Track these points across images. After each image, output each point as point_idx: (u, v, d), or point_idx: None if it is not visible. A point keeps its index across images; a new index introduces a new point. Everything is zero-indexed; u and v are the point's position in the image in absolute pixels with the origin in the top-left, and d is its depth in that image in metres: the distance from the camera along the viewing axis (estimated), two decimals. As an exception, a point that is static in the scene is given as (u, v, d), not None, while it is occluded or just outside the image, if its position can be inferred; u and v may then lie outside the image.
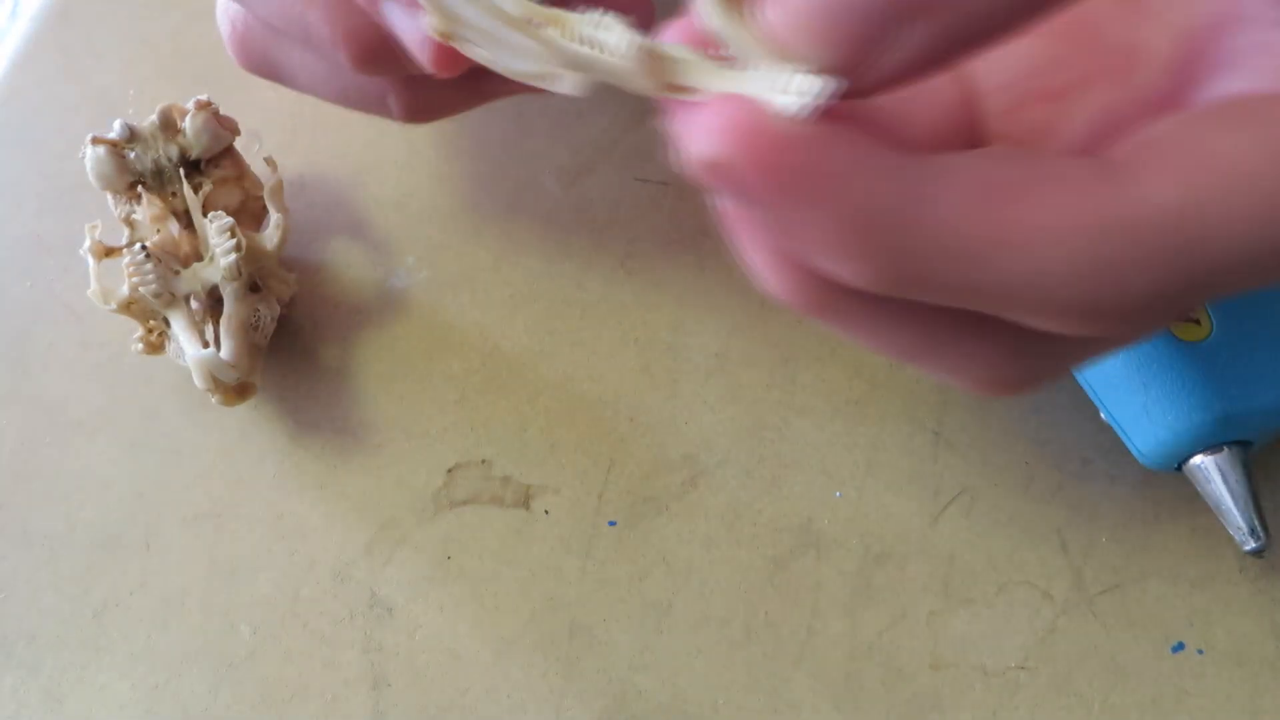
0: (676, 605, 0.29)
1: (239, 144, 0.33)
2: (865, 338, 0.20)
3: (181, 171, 0.32)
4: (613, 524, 0.30)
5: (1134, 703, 0.28)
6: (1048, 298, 0.17)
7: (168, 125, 0.32)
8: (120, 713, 0.29)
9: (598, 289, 0.34)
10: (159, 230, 0.31)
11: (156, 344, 0.32)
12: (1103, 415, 0.30)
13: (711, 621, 0.29)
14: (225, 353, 0.30)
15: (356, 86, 0.28)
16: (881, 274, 0.17)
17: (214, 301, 0.31)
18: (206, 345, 0.30)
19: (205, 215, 0.31)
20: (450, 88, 0.28)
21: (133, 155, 0.31)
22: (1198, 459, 0.28)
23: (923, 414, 0.31)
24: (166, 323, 0.31)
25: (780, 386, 0.32)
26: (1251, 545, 0.27)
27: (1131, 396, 0.28)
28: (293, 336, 0.34)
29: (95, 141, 0.31)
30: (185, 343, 0.30)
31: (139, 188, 0.32)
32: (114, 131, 0.31)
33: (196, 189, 0.32)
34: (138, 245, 0.30)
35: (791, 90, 0.16)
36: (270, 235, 0.32)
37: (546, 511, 0.31)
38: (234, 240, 0.30)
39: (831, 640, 0.29)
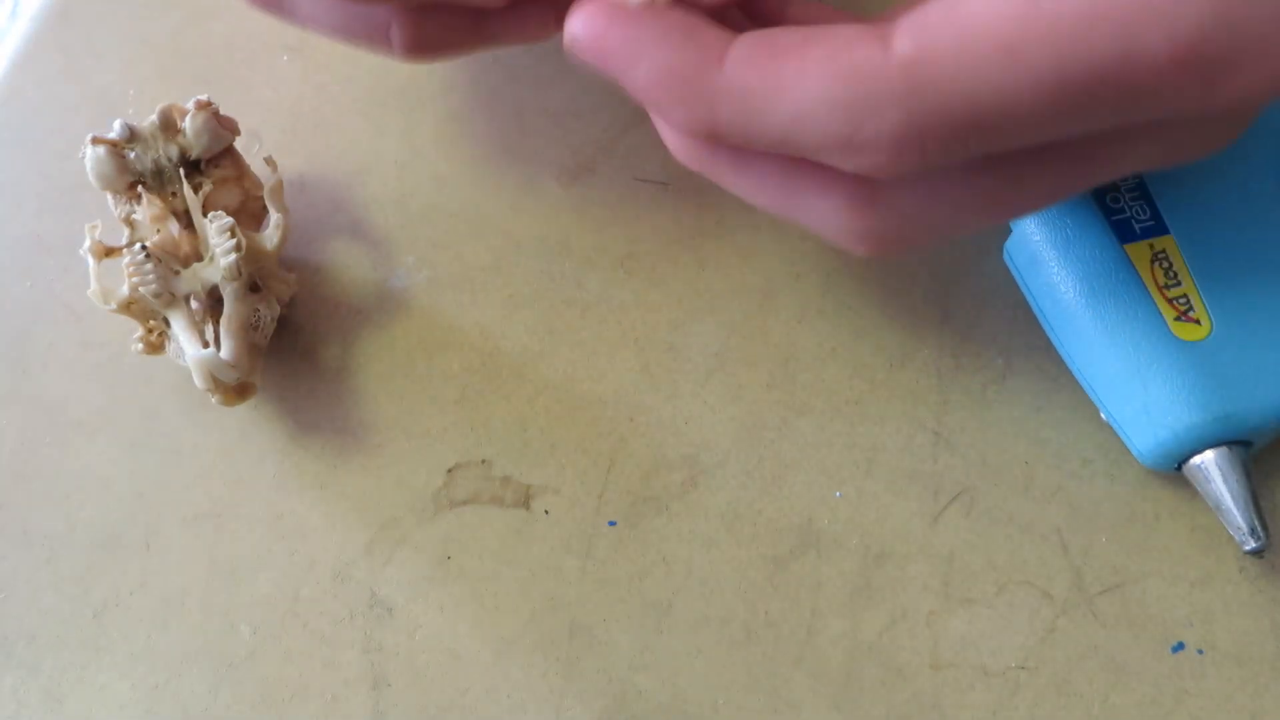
0: (676, 605, 0.29)
1: (239, 144, 0.33)
2: (736, 188, 0.24)
3: (181, 171, 0.32)
4: (613, 524, 0.30)
5: (1134, 703, 0.28)
6: (814, 133, 0.20)
7: (168, 125, 0.32)
8: (120, 713, 0.29)
9: (598, 289, 0.34)
10: (159, 230, 0.31)
11: (156, 344, 0.32)
12: (1103, 415, 0.30)
13: (711, 621, 0.29)
14: (225, 353, 0.30)
15: (359, 15, 0.28)
16: (693, 121, 0.21)
17: (214, 301, 0.31)
18: (206, 345, 0.30)
19: (205, 215, 0.31)
20: (456, 23, 0.29)
21: (133, 155, 0.31)
22: (1198, 459, 0.28)
23: (923, 414, 0.31)
24: (166, 323, 0.31)
25: (780, 386, 0.32)
26: (1251, 545, 0.27)
27: (1131, 396, 0.28)
28: (293, 336, 0.34)
29: (95, 141, 0.31)
30: (185, 343, 0.30)
31: (139, 188, 0.32)
32: (114, 131, 0.31)
33: (196, 189, 0.32)
34: (138, 245, 0.30)
35: None
36: (270, 235, 0.32)
37: (546, 511, 0.31)
38: (234, 240, 0.30)
39: (831, 640, 0.29)
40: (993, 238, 0.33)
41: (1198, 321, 0.28)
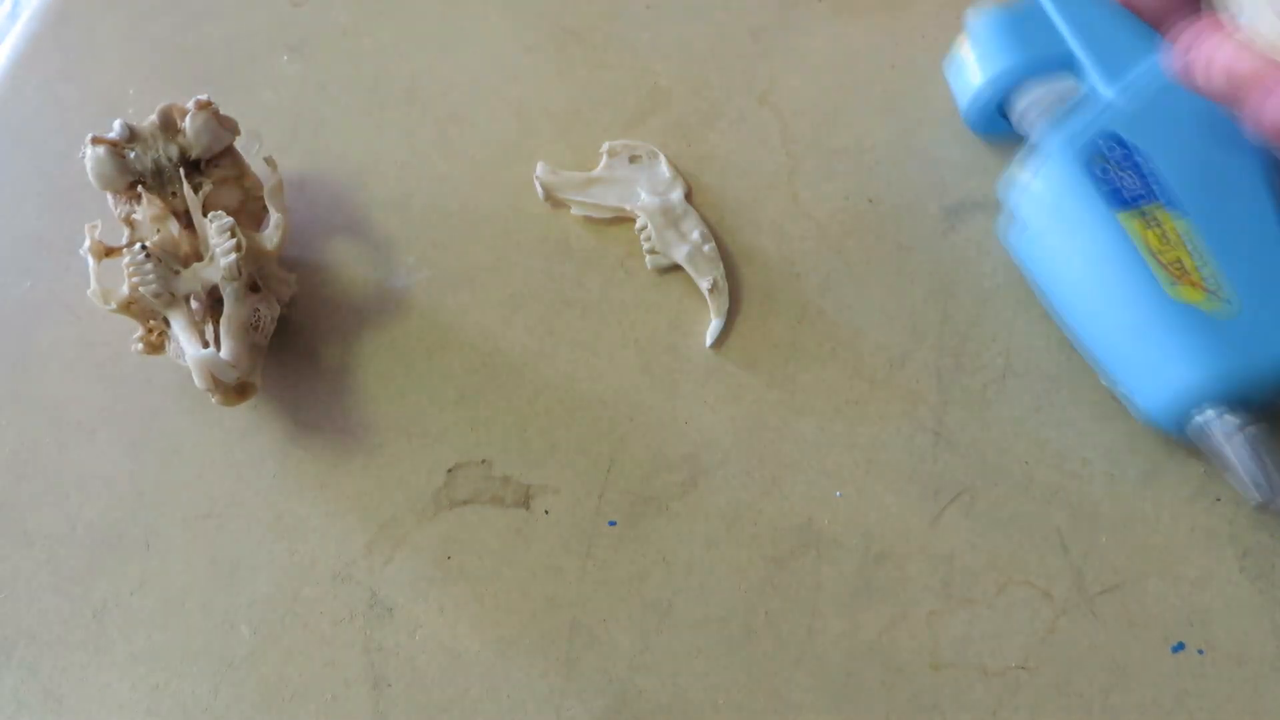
0: (676, 605, 0.29)
1: (239, 144, 0.33)
2: None
3: (181, 171, 0.32)
4: (613, 524, 0.30)
5: (1134, 703, 0.28)
6: None
7: (168, 125, 0.32)
8: (120, 713, 0.29)
9: (598, 289, 0.34)
10: (159, 230, 0.31)
11: (156, 344, 0.32)
12: (1102, 380, 0.30)
13: (711, 621, 0.29)
14: (225, 353, 0.30)
15: None
16: None
17: (214, 301, 0.31)
18: (206, 345, 0.30)
19: (205, 215, 0.31)
20: None
21: (133, 155, 0.31)
22: (1202, 417, 0.28)
23: (923, 414, 0.31)
24: (166, 323, 0.31)
25: (780, 386, 0.32)
26: (1257, 498, 0.27)
27: (1135, 356, 0.28)
28: (293, 336, 0.34)
29: (95, 141, 0.31)
30: (185, 343, 0.30)
31: (139, 188, 0.32)
32: (114, 131, 0.31)
33: (196, 189, 0.32)
34: (138, 245, 0.30)
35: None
36: (270, 235, 0.32)
37: (546, 511, 0.31)
38: (234, 240, 0.30)
39: (831, 640, 0.29)
40: (992, 237, 0.33)
41: (1196, 284, 0.28)
